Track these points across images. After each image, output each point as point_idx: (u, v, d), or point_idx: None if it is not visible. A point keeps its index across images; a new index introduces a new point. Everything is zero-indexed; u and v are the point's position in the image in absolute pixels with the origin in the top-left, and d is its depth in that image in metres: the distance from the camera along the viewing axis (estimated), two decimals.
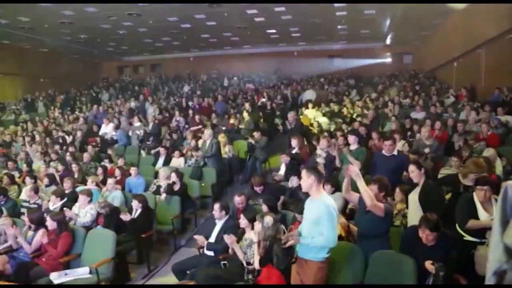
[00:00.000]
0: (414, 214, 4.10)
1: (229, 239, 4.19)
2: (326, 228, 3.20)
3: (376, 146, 6.71)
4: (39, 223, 4.96)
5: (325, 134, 7.33)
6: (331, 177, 5.44)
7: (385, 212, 3.56)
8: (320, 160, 5.93)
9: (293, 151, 6.65)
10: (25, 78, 19.35)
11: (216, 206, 4.62)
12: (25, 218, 5.20)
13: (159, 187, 6.59)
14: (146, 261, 5.46)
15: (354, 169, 3.49)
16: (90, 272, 4.50)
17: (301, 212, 3.71)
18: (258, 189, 5.67)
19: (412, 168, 4.38)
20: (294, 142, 6.81)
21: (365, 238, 3.76)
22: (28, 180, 6.86)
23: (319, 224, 3.24)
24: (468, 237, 3.72)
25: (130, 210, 5.56)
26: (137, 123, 9.95)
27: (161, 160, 8.32)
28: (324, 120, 10.01)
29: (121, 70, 24.94)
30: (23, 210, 6.02)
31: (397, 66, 19.96)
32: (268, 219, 3.84)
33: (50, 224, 4.71)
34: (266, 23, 15.43)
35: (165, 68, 23.64)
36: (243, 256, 4.13)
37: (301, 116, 10.19)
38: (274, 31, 17.14)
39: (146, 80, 21.39)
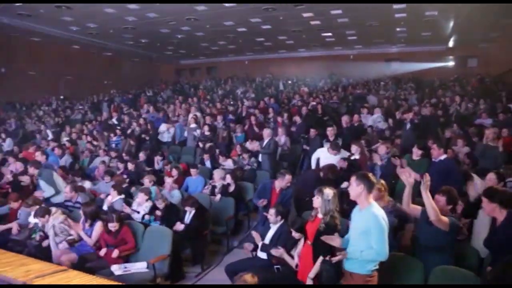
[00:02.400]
0: (484, 229, 3.77)
1: (277, 252, 4.13)
2: (375, 241, 3.00)
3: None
4: (93, 217, 5.15)
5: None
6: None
7: (451, 226, 3.35)
8: (378, 168, 5.71)
9: (352, 157, 6.44)
10: (91, 80, 20.66)
11: (272, 211, 4.58)
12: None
13: (214, 187, 6.70)
14: (200, 260, 5.56)
15: (425, 178, 3.31)
16: (147, 267, 4.67)
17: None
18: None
19: (491, 176, 4.07)
20: (354, 148, 6.52)
21: (426, 251, 3.54)
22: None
23: (367, 236, 3.05)
24: None
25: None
26: (193, 124, 10.20)
27: (207, 163, 8.45)
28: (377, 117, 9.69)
29: (179, 73, 25.80)
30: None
31: (461, 69, 18.89)
32: (328, 191, 3.67)
33: (113, 226, 4.87)
34: (322, 26, 15.30)
35: (220, 71, 24.11)
36: (295, 264, 4.07)
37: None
38: (329, 34, 16.94)
39: (202, 82, 21.95)
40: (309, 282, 3.64)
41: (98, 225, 5.11)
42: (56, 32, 15.62)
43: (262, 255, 4.48)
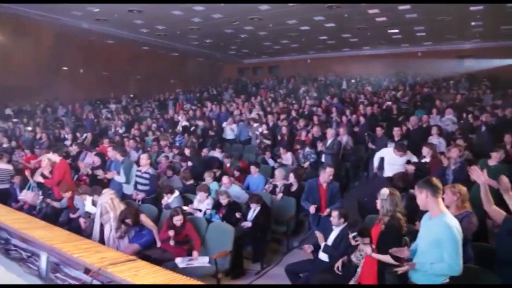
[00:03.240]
0: None
1: None
2: (448, 253, 2.76)
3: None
4: (137, 222, 5.20)
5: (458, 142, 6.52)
6: None
7: None
8: (450, 172, 5.33)
9: (423, 160, 6.10)
10: (158, 79, 21.71)
11: (335, 213, 4.49)
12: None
13: (275, 186, 6.70)
14: (260, 258, 5.59)
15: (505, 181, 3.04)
16: (209, 262, 4.79)
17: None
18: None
19: None
20: (425, 150, 6.13)
21: (507, 266, 3.21)
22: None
23: (438, 247, 2.82)
24: None
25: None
26: (255, 123, 10.30)
27: (270, 161, 8.47)
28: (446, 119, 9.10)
29: (241, 72, 26.21)
30: (138, 179, 6.63)
31: None
32: (384, 191, 3.57)
33: (179, 219, 4.97)
34: (388, 23, 14.72)
35: (282, 70, 24.13)
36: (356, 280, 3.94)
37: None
38: (396, 31, 16.25)
39: (264, 81, 22.11)
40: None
41: (144, 217, 5.24)
42: (128, 34, 16.61)
43: (323, 256, 4.40)
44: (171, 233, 4.96)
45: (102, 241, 5.20)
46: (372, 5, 12.38)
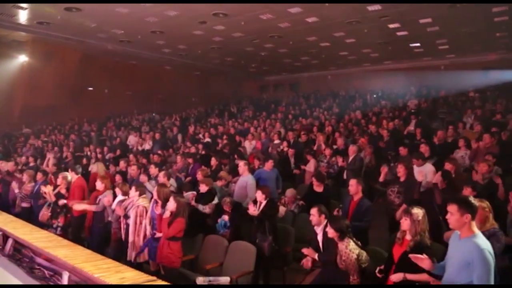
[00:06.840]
0: None
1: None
2: (478, 276, 2.63)
3: None
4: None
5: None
6: None
7: None
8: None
9: None
10: (180, 98, 22.07)
11: (314, 210, 4.57)
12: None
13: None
14: (281, 278, 5.47)
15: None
16: (231, 282, 4.71)
17: None
18: None
19: None
20: (448, 166, 5.88)
21: None
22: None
23: (468, 269, 2.69)
24: None
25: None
26: (276, 140, 10.30)
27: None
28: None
29: (262, 89, 26.33)
30: None
31: None
32: (417, 210, 3.47)
33: (172, 204, 4.77)
34: (410, 37, 14.56)
35: (303, 86, 24.14)
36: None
37: None
38: (418, 44, 16.06)
39: (285, 98, 22.12)
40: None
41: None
42: (151, 55, 17.02)
43: None
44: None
45: None
46: (393, 19, 12.30)
